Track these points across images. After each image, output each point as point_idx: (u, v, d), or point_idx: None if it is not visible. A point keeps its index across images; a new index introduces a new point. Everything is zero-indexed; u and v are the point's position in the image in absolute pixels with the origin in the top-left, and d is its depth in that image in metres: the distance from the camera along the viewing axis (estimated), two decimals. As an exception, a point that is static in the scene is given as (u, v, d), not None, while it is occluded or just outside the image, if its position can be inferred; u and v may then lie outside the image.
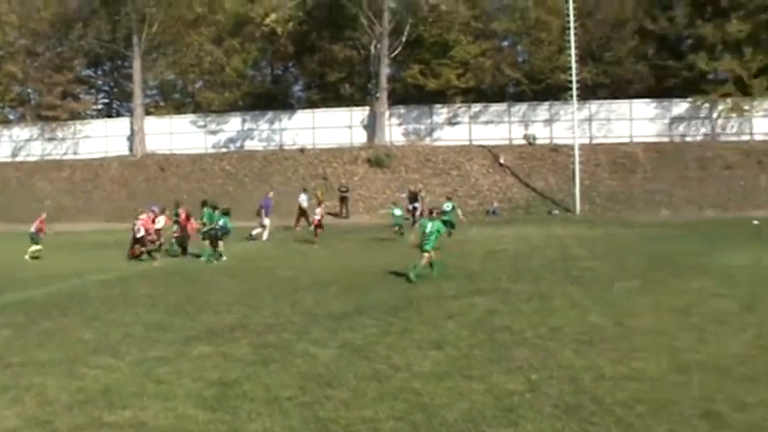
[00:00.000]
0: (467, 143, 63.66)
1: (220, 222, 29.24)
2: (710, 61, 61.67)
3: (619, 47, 65.48)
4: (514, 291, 18.42)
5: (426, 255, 21.45)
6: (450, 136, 64.46)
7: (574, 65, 54.96)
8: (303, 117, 66.97)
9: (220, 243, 28.95)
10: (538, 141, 62.92)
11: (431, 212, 24.04)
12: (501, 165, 59.65)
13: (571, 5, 54.64)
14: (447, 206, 33.98)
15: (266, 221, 38.54)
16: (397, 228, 36.41)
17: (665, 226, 42.40)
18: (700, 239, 32.56)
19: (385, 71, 63.48)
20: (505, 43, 71.93)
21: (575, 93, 55.25)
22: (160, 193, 56.71)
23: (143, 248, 29.90)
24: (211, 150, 66.16)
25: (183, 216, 31.45)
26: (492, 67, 65.84)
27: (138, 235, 29.95)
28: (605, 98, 64.84)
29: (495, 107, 65.42)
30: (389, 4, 63.31)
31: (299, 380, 10.64)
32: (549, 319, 14.57)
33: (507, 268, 23.12)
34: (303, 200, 45.26)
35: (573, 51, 54.82)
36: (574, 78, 55.01)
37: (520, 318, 14.77)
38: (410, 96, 67.60)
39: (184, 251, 30.90)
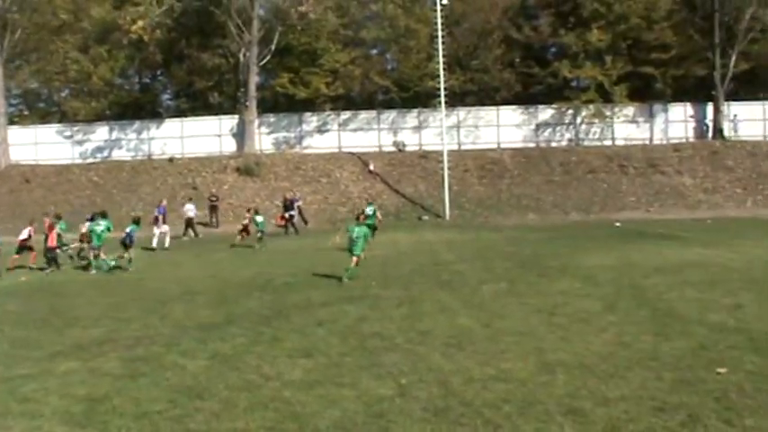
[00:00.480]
0: (336, 151, 63.84)
1: (128, 230, 29.21)
2: (573, 69, 63.45)
3: (485, 55, 66.57)
4: (384, 297, 18.54)
5: (355, 258, 22.63)
6: (319, 144, 64.56)
7: (442, 72, 55.55)
8: (172, 126, 66.11)
9: (130, 251, 29.04)
10: (407, 148, 63.53)
11: (357, 218, 26.43)
12: (371, 172, 59.92)
13: (439, 14, 55.24)
14: (369, 210, 36.92)
15: (165, 227, 38.95)
16: (259, 234, 36.40)
17: (532, 229, 43.25)
18: (565, 242, 33.39)
19: (254, 79, 63.09)
20: (374, 51, 72.42)
21: (443, 100, 55.80)
22: (25, 204, 55.19)
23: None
24: (78, 161, 64.55)
25: (46, 226, 30.85)
26: (361, 74, 66.23)
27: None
28: (473, 105, 65.86)
29: (365, 114, 65.84)
30: (258, 12, 63.10)
31: (169, 393, 10.51)
32: (418, 324, 14.72)
33: (377, 274, 23.20)
34: (189, 209, 44.94)
35: (441, 59, 55.41)
36: (442, 86, 55.58)
37: (390, 323, 14.88)
38: (279, 104, 67.54)
39: (49, 262, 30.19)
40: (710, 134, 64.43)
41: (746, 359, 11.25)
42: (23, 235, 30.57)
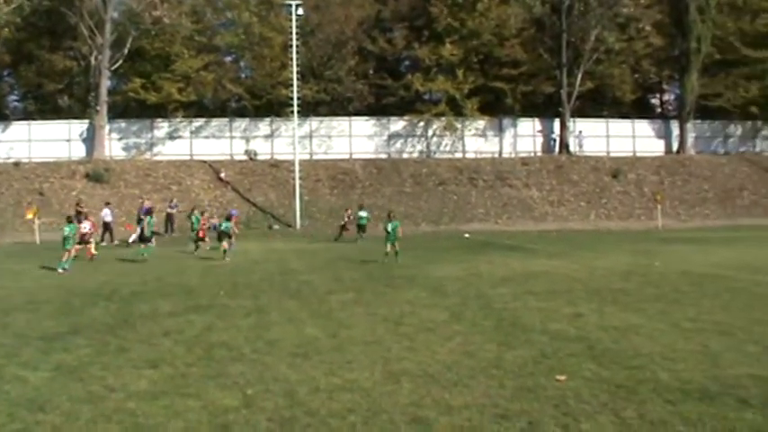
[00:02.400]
0: (188, 158, 63.28)
1: (222, 227, 33.83)
2: (426, 82, 64.58)
3: (339, 65, 66.95)
4: (232, 306, 18.39)
5: (393, 246, 30.03)
6: (170, 150, 63.88)
7: (295, 81, 55.65)
8: (18, 129, 64.05)
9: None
10: (259, 157, 63.42)
11: (388, 215, 33.30)
12: (221, 180, 59.56)
13: (294, 24, 55.34)
14: (363, 213, 45.54)
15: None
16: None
17: (382, 240, 43.58)
18: (414, 253, 33.80)
19: (105, 83, 61.98)
20: (228, 58, 71.97)
21: (296, 109, 55.95)
22: None
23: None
24: None
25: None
26: (214, 81, 65.60)
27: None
28: (326, 115, 66.21)
29: (217, 122, 65.56)
30: (111, 14, 61.90)
31: (8, 406, 10.12)
32: (266, 334, 14.64)
33: (226, 283, 23.04)
34: (107, 215, 44.08)
35: (295, 68, 55.54)
36: (295, 95, 55.73)
37: (237, 333, 14.74)
38: (131, 110, 66.53)
39: None
40: (557, 149, 66.46)
41: (585, 366, 11.58)
42: (85, 228, 33.26)
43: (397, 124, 66.36)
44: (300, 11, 56.11)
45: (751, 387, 10.19)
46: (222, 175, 59.90)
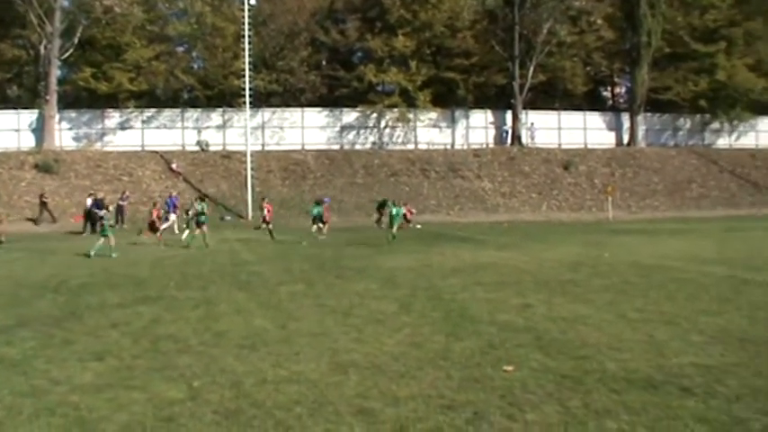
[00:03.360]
0: (139, 149, 62.73)
1: (314, 212, 39.94)
2: (379, 73, 64.66)
3: (292, 56, 66.85)
4: (181, 298, 18.25)
5: (395, 228, 35.60)
6: (121, 141, 63.35)
7: (247, 72, 55.36)
8: (-34, 119, 63.06)
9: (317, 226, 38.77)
10: (211, 148, 63.09)
11: (394, 202, 39.57)
12: (173, 171, 59.13)
13: (246, 14, 55.06)
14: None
15: (173, 217, 42.43)
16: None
17: (333, 231, 43.56)
18: (365, 243, 33.82)
19: (55, 73, 61.26)
20: (180, 48, 71.43)
21: (248, 100, 55.66)
22: None
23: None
24: None
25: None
26: (165, 71, 65.16)
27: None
28: (278, 106, 66.03)
29: (168, 112, 65.11)
30: (61, 3, 61.23)
31: (-52, 401, 10.03)
32: (214, 326, 14.55)
33: (176, 275, 22.87)
34: (89, 204, 43.90)
35: (247, 59, 55.25)
36: (247, 85, 55.44)
37: (185, 325, 14.63)
38: (81, 100, 65.87)
39: None
40: (509, 141, 66.86)
41: (532, 357, 11.63)
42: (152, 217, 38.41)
43: (350, 115, 66.36)
44: (253, 1, 55.90)
45: (694, 376, 10.32)
46: (174, 165, 59.51)
